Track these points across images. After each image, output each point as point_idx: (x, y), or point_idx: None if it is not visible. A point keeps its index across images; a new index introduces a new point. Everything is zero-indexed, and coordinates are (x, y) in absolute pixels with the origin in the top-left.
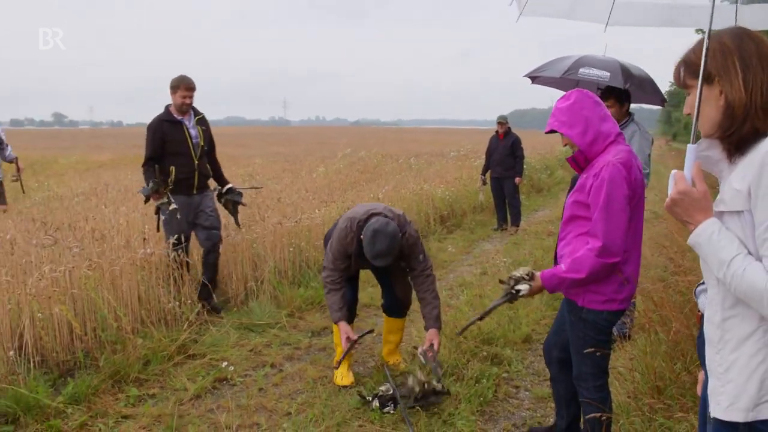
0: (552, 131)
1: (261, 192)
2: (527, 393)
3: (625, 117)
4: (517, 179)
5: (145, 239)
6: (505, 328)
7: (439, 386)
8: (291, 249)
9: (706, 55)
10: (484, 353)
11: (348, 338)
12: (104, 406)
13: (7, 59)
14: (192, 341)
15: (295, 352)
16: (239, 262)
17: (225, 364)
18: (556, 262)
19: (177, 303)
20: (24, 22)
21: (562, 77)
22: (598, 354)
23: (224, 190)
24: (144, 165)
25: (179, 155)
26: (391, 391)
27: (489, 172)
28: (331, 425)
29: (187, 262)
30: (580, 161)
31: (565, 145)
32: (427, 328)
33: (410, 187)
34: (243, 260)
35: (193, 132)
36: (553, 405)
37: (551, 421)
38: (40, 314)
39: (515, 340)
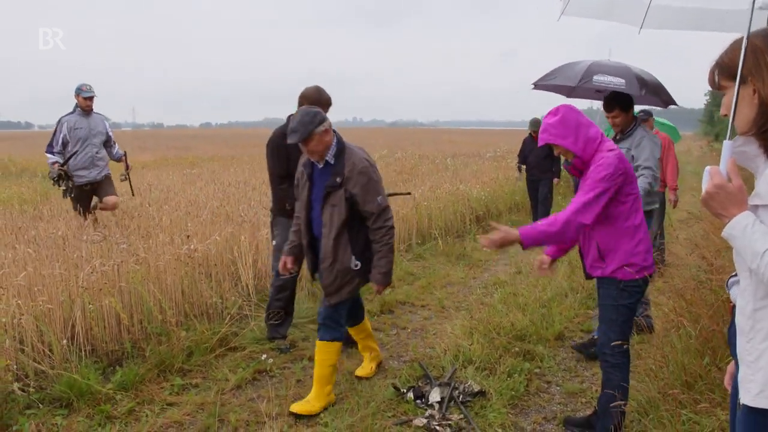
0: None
1: None
2: (558, 388)
3: (631, 123)
4: (555, 180)
5: (188, 236)
6: (538, 325)
7: (477, 387)
8: None
9: (744, 57)
10: (516, 349)
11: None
12: (150, 394)
13: (53, 60)
14: (233, 334)
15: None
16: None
17: (264, 356)
18: (582, 255)
19: (219, 298)
20: (79, 20)
21: (578, 85)
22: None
23: None
24: (275, 183)
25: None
26: (428, 382)
27: (525, 172)
28: (366, 415)
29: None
30: (579, 165)
31: (558, 153)
32: (371, 280)
33: (446, 187)
34: None
35: None
36: (583, 400)
37: (582, 414)
38: (90, 306)
39: (548, 337)
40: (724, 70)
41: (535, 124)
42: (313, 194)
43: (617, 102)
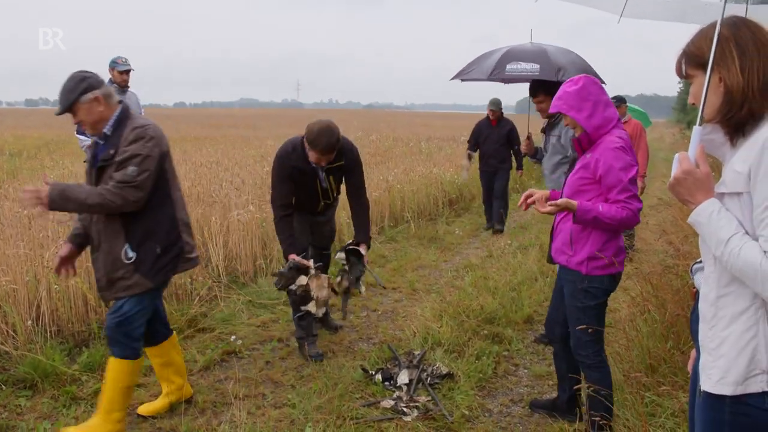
0: (553, 114)
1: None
2: (526, 371)
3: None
4: (519, 172)
5: None
6: (507, 309)
7: (445, 369)
8: None
9: (716, 44)
10: (485, 332)
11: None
12: None
13: (22, 40)
14: (202, 315)
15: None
16: (249, 240)
17: (233, 338)
18: (552, 236)
19: (188, 278)
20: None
21: (489, 78)
22: (589, 331)
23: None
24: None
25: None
26: (396, 364)
27: (479, 161)
28: (333, 396)
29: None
30: (584, 143)
31: (567, 124)
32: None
33: (419, 170)
34: (252, 239)
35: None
36: (551, 382)
37: (548, 397)
38: (56, 286)
39: (516, 320)
40: (690, 59)
41: (495, 104)
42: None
43: (542, 87)
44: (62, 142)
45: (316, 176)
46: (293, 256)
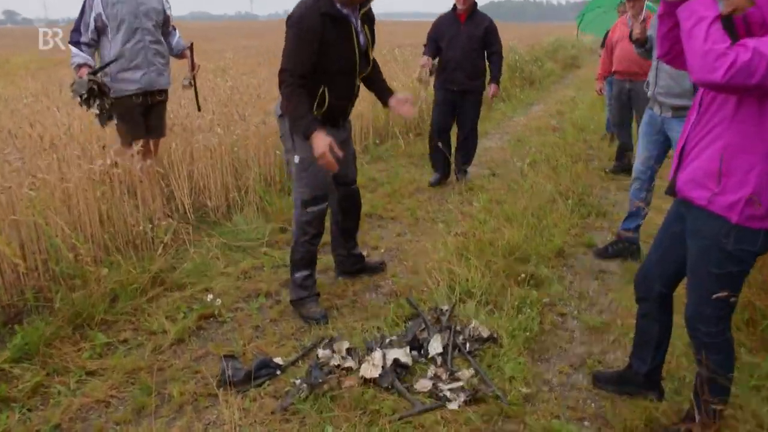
0: None
1: (238, 87)
2: (576, 322)
3: None
4: (492, 88)
5: (104, 146)
6: (536, 242)
7: (486, 331)
8: (278, 152)
9: None
10: (521, 275)
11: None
12: (63, 360)
13: None
14: (169, 269)
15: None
16: (219, 169)
17: (210, 296)
18: (682, 156)
19: (148, 223)
20: None
21: None
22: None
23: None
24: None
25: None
26: (423, 327)
27: (441, 76)
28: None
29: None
30: (755, 19)
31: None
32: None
33: (401, 79)
34: (223, 167)
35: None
36: (611, 338)
37: (613, 357)
38: None
39: (547, 255)
40: None
41: None
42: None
43: None
44: None
45: (352, 26)
46: None
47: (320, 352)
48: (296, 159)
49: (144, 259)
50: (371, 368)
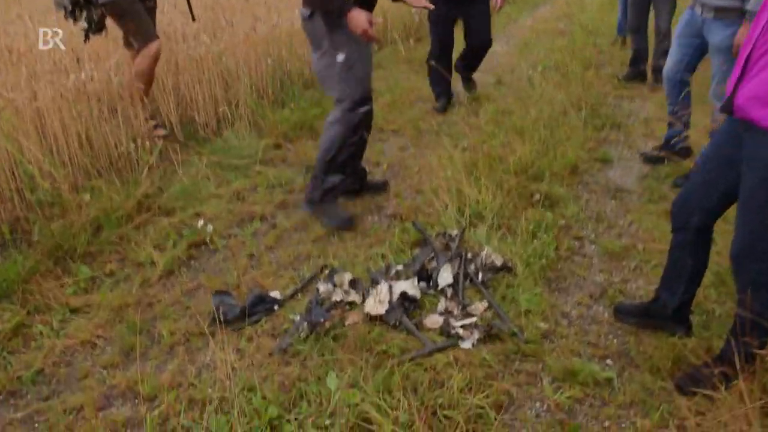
0: None
1: None
2: (594, 247)
3: None
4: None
5: (78, 59)
6: (549, 158)
7: (499, 259)
8: (270, 61)
9: None
10: (536, 195)
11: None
12: (45, 297)
13: None
14: (156, 193)
15: (289, 197)
16: (206, 81)
17: (201, 222)
18: (745, 69)
19: (131, 142)
20: None
21: None
22: None
23: None
24: None
25: None
26: (432, 255)
27: None
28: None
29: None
30: None
31: None
32: None
33: None
34: (211, 79)
35: None
36: (631, 265)
37: (634, 287)
38: None
39: (561, 172)
40: None
41: None
42: None
43: None
44: None
45: None
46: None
47: (321, 286)
48: (340, 58)
49: (128, 183)
50: (377, 304)
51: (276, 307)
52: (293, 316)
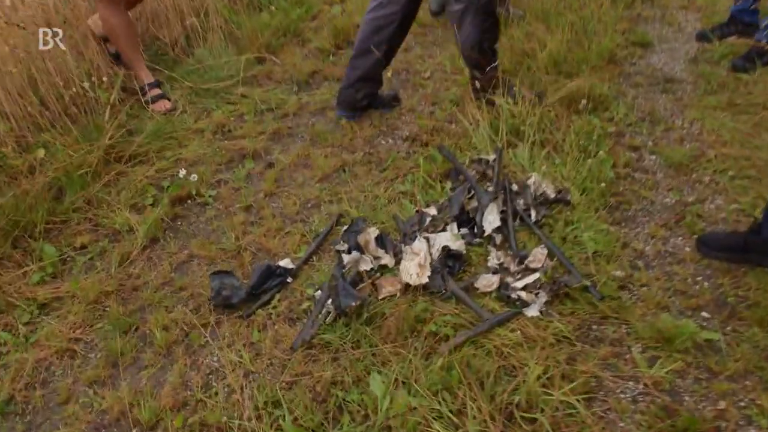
0: None
1: None
2: (655, 158)
3: None
4: None
5: None
6: (583, 47)
7: (552, 190)
8: None
9: None
10: (582, 101)
11: None
12: (6, 293)
13: None
14: (125, 138)
15: (282, 124)
16: None
17: (183, 171)
18: None
19: (86, 78)
20: None
21: None
22: None
23: None
24: None
25: None
26: (470, 191)
27: None
28: None
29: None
30: None
31: None
32: None
33: None
34: None
35: None
36: (704, 178)
37: (713, 207)
38: None
39: (599, 64)
40: None
41: None
42: None
43: None
44: None
45: None
46: None
47: (344, 257)
48: None
49: (89, 131)
50: (416, 270)
51: (289, 280)
52: (312, 288)
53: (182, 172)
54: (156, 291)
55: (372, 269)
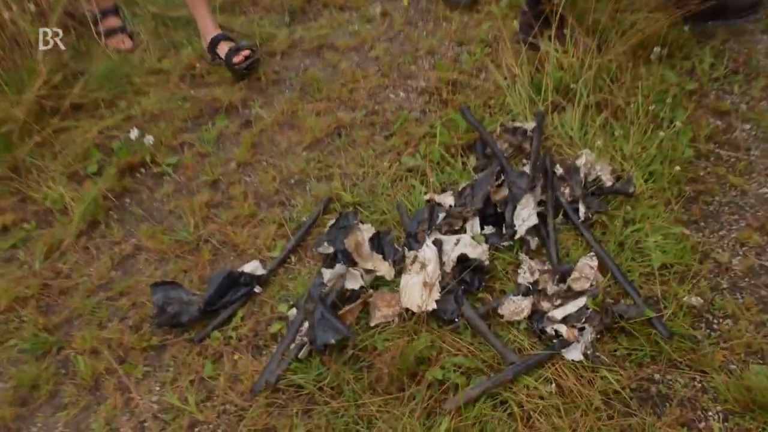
0: None
1: None
2: (750, 128)
3: None
4: None
5: None
6: None
7: (609, 177)
8: None
9: None
10: (651, 47)
11: None
12: None
13: None
14: (66, 82)
15: (267, 68)
16: None
17: (135, 130)
18: None
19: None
20: None
21: None
22: None
23: None
24: None
25: None
26: (501, 180)
27: None
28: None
29: None
30: None
31: None
32: None
33: None
34: None
35: None
36: None
37: None
38: None
39: None
40: None
41: None
42: None
43: None
44: None
45: None
46: None
47: (325, 272)
48: None
49: (19, 74)
50: (420, 291)
51: (257, 289)
52: (286, 307)
53: (134, 133)
54: (89, 296)
55: (362, 287)
